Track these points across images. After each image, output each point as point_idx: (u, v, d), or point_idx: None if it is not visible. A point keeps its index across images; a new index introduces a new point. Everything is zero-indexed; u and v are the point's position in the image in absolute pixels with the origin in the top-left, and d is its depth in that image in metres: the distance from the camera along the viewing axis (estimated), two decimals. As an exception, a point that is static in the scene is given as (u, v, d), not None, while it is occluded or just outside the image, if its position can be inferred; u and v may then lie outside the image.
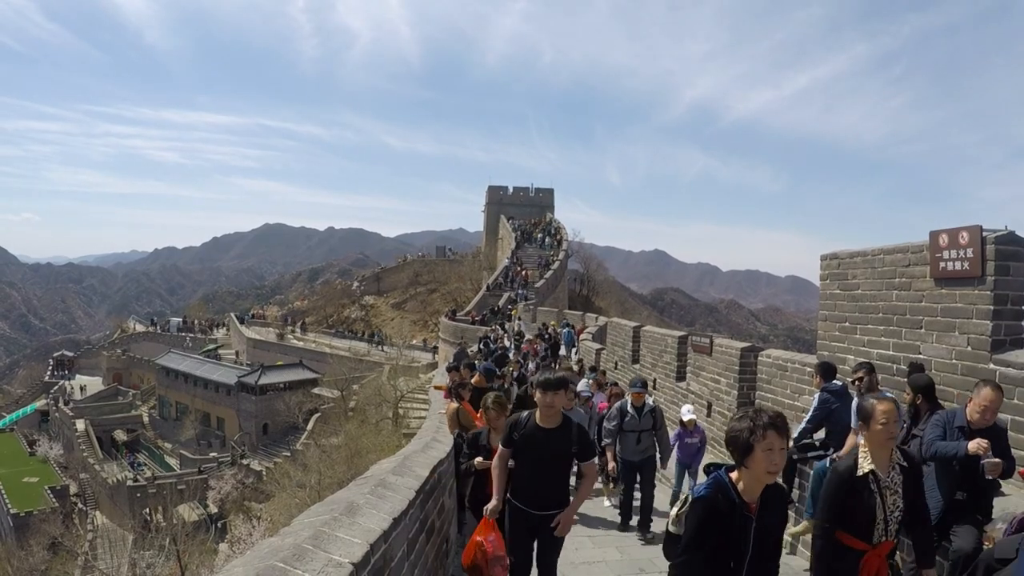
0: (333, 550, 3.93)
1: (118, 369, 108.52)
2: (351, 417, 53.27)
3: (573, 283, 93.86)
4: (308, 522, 4.56)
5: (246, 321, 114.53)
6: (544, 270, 75.23)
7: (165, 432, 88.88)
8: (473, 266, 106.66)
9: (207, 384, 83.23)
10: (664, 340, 22.90)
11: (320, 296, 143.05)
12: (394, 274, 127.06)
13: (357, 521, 4.59)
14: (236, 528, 49.81)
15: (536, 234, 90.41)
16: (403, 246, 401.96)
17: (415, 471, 6.96)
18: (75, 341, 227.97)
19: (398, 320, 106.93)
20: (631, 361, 25.87)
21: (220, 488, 63.04)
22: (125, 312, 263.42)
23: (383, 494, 5.58)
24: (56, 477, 73.18)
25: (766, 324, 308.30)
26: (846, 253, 12.22)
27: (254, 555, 3.89)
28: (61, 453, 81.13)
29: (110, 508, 68.25)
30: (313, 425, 63.60)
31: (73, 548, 56.07)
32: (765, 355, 16.19)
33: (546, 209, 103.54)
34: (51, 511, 63.18)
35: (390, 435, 40.30)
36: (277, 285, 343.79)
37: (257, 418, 75.82)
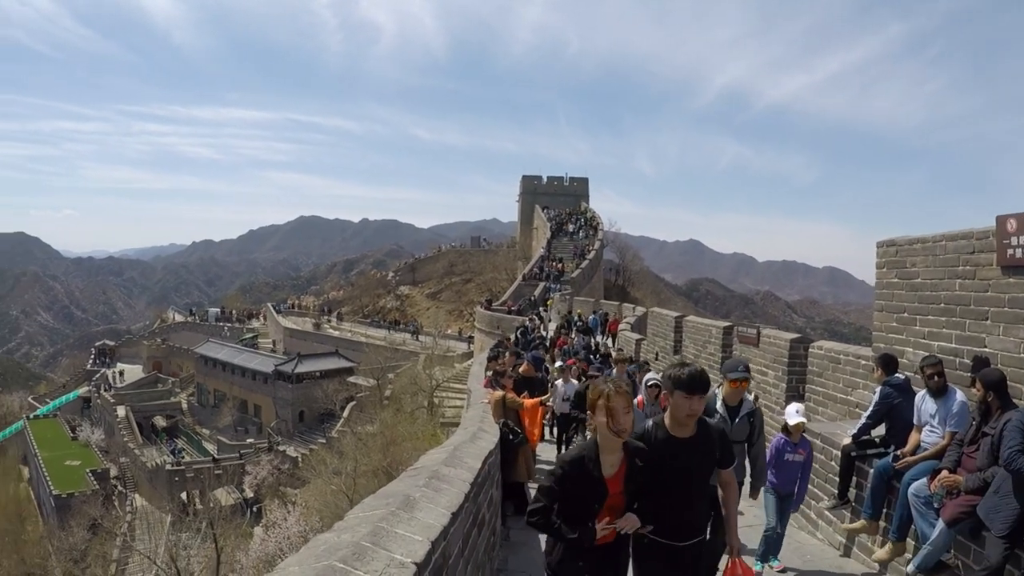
0: (394, 548, 3.67)
1: (158, 358, 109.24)
2: (386, 405, 53.21)
3: (608, 273, 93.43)
4: (364, 516, 4.31)
5: (283, 311, 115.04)
6: (580, 260, 74.89)
7: (203, 418, 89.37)
8: (508, 256, 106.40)
9: (244, 372, 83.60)
10: (708, 331, 22.51)
11: (356, 286, 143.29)
12: (429, 264, 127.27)
13: (416, 516, 4.34)
14: (271, 513, 49.92)
15: (568, 226, 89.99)
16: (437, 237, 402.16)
17: (467, 463, 6.71)
18: (116, 331, 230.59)
19: (433, 310, 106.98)
20: (672, 352, 25.50)
21: (256, 473, 63.21)
22: (164, 303, 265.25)
23: (438, 487, 5.34)
24: (97, 461, 73.73)
25: (803, 316, 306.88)
26: (905, 240, 11.73)
27: (309, 553, 3.62)
28: (102, 438, 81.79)
29: (149, 491, 68.67)
30: (349, 413, 63.58)
31: (112, 529, 56.48)
32: (816, 347, 15.77)
33: (580, 198, 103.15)
34: (92, 493, 63.80)
35: (425, 424, 40.19)
36: (313, 276, 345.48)
37: (293, 406, 76.03)
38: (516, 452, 11.88)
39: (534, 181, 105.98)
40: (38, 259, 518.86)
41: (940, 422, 8.89)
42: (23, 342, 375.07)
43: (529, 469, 12.56)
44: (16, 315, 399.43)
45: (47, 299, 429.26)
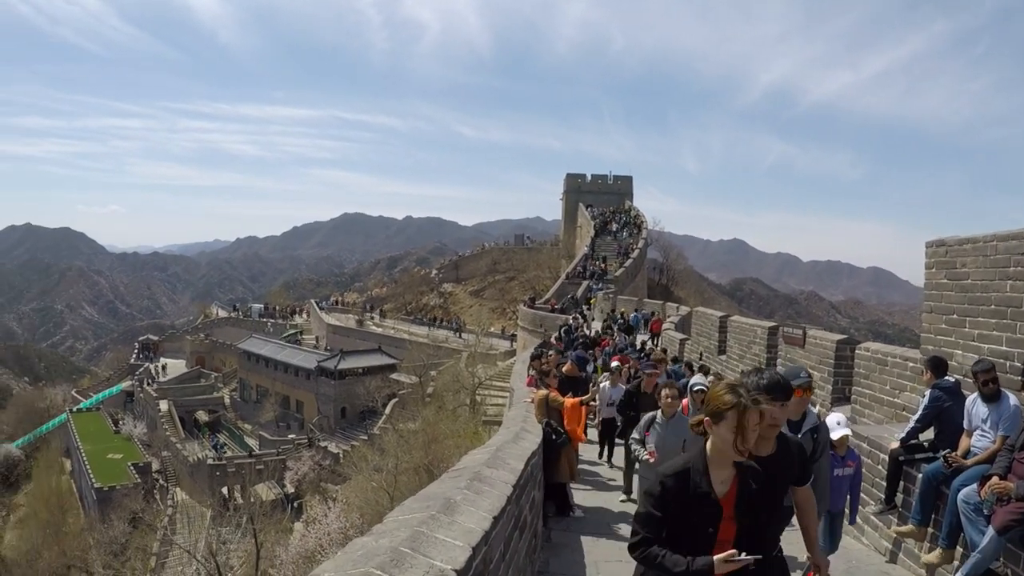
0: (433, 554, 3.59)
1: (201, 353, 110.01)
2: (428, 403, 53.31)
3: (652, 272, 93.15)
4: (403, 520, 4.22)
5: (326, 307, 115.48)
6: (623, 259, 74.64)
7: (245, 414, 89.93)
8: (552, 254, 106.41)
9: (287, 368, 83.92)
10: (753, 331, 22.34)
11: (399, 283, 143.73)
12: (472, 262, 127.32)
13: (456, 520, 4.25)
14: (312, 509, 50.11)
15: (612, 224, 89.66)
16: (480, 234, 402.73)
17: (510, 464, 6.62)
18: (160, 326, 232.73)
19: (476, 308, 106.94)
20: (717, 352, 25.34)
21: (297, 469, 63.47)
22: (208, 298, 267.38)
23: (480, 489, 5.26)
24: (139, 454, 74.39)
25: (847, 317, 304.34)
26: (954, 240, 11.52)
27: (346, 558, 3.55)
28: (144, 432, 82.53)
29: (190, 485, 69.21)
30: (391, 410, 63.73)
31: (153, 522, 56.98)
32: (863, 348, 15.54)
33: (624, 197, 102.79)
34: (133, 486, 64.45)
35: (467, 421, 40.20)
36: (356, 273, 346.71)
37: (336, 402, 76.33)
38: (559, 452, 11.81)
39: (578, 179, 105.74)
40: (83, 254, 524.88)
41: (991, 427, 8.71)
42: (67, 336, 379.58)
43: (572, 470, 12.48)
44: (61, 309, 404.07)
45: (92, 294, 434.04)
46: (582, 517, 12.55)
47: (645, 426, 11.00)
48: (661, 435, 10.62)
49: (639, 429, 11.13)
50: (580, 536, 11.57)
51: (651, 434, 10.79)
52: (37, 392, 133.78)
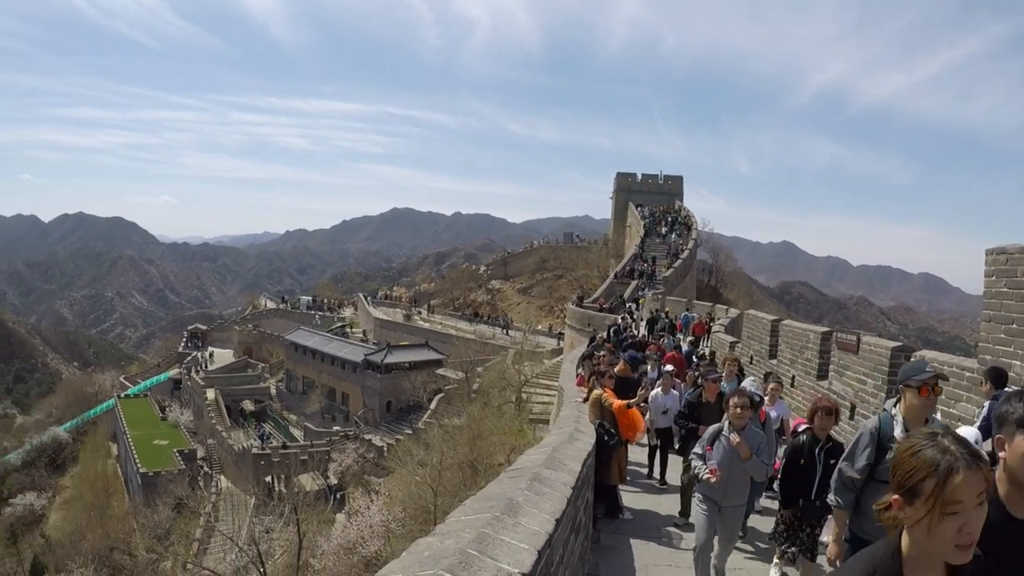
0: (500, 557, 3.54)
1: (249, 343, 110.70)
2: (474, 399, 53.25)
3: (701, 273, 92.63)
4: (467, 520, 4.18)
5: (374, 301, 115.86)
6: (673, 259, 74.30)
7: (291, 404, 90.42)
8: (601, 253, 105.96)
9: (334, 360, 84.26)
10: (806, 335, 22.03)
11: (447, 279, 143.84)
12: (521, 259, 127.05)
13: (520, 522, 4.21)
14: (354, 500, 50.17)
15: (661, 229, 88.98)
16: (529, 232, 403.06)
17: (567, 465, 6.57)
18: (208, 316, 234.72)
19: (524, 305, 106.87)
20: (767, 356, 25.06)
21: (341, 461, 63.68)
22: (257, 289, 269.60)
23: (540, 490, 5.20)
24: (185, 441, 75.01)
25: (896, 323, 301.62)
26: (1016, 248, 11.30)
27: (413, 559, 3.50)
28: (191, 419, 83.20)
29: (234, 473, 69.75)
30: (436, 405, 63.76)
31: (196, 509, 57.31)
32: (919, 356, 15.34)
33: (675, 197, 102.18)
34: (178, 473, 65.08)
35: (512, 419, 40.08)
36: (404, 268, 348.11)
37: (381, 395, 76.49)
38: (611, 454, 11.75)
39: (628, 178, 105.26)
40: (135, 243, 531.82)
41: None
42: (117, 323, 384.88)
43: (622, 472, 12.42)
44: (112, 297, 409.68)
45: (142, 282, 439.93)
46: (631, 520, 12.50)
47: (709, 440, 9.64)
48: (727, 450, 9.32)
49: (701, 443, 9.80)
50: (629, 539, 11.51)
51: (714, 449, 9.46)
52: (86, 377, 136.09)
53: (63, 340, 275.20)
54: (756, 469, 9.45)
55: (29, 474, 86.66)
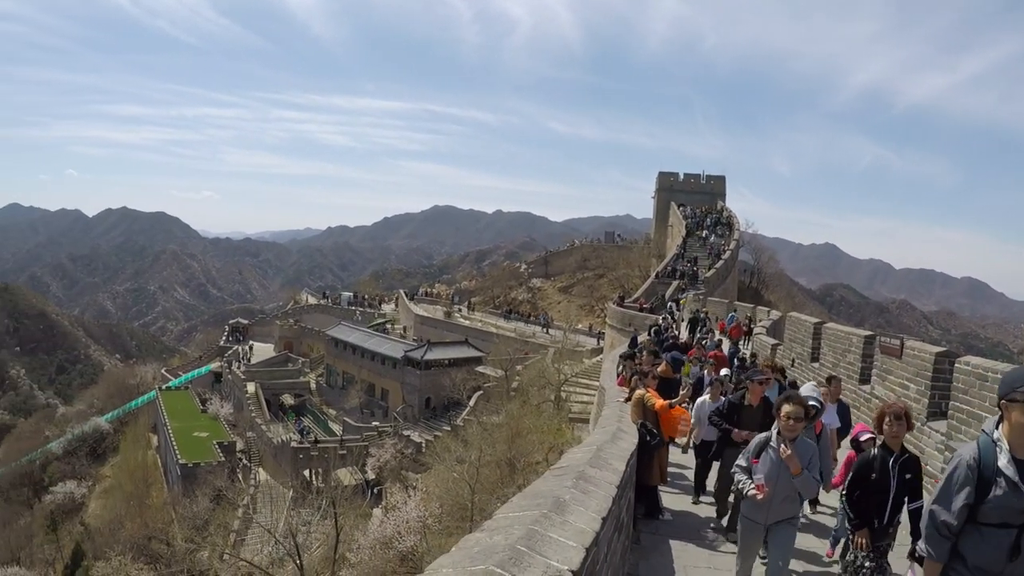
0: (550, 554, 3.55)
1: (289, 338, 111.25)
2: (513, 397, 53.32)
3: (742, 275, 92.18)
4: (515, 517, 4.19)
5: (415, 298, 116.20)
6: (714, 260, 74.02)
7: (331, 399, 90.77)
8: (642, 253, 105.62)
9: (374, 356, 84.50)
10: (848, 339, 21.90)
11: (488, 277, 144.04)
12: (562, 258, 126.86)
13: (568, 520, 4.22)
14: (391, 496, 50.29)
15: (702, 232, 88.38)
16: (570, 231, 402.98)
17: (612, 464, 6.58)
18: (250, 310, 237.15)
19: (565, 304, 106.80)
20: (810, 359, 24.95)
21: (380, 456, 63.82)
22: (298, 285, 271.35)
23: (586, 489, 5.22)
24: (225, 434, 75.55)
25: (939, 328, 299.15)
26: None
27: (463, 554, 3.52)
28: (231, 412, 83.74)
29: (273, 467, 70.24)
30: (475, 402, 63.95)
31: (235, 500, 57.75)
32: (963, 362, 15.13)
33: (717, 197, 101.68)
34: (217, 464, 65.48)
35: (551, 417, 40.13)
36: (445, 265, 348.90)
37: (420, 392, 76.68)
38: (652, 454, 11.72)
39: (670, 178, 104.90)
40: (177, 238, 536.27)
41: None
42: (159, 316, 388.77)
43: (663, 472, 12.39)
44: (154, 290, 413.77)
45: (184, 276, 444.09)
46: (671, 520, 12.45)
47: (755, 451, 8.78)
48: (775, 463, 8.45)
49: (746, 454, 8.91)
50: (669, 540, 11.49)
51: (761, 462, 8.62)
52: (128, 369, 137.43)
53: (106, 332, 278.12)
54: (806, 485, 8.57)
55: (70, 463, 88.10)
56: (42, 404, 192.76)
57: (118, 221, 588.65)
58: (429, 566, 3.36)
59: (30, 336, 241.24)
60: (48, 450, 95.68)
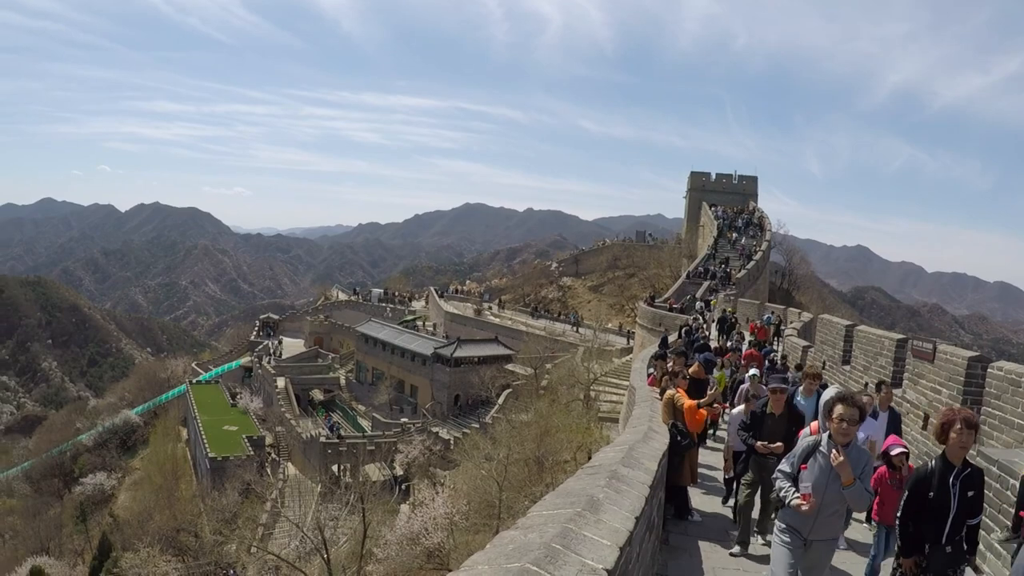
0: (584, 552, 3.56)
1: (319, 333, 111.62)
2: (542, 395, 53.29)
3: (773, 276, 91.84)
4: (549, 515, 4.20)
5: (445, 295, 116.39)
6: (746, 261, 73.77)
7: (360, 395, 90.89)
8: (673, 252, 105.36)
9: (404, 353, 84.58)
10: (880, 342, 21.74)
11: (518, 275, 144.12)
12: (593, 257, 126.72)
13: (602, 519, 4.23)
14: (419, 492, 50.39)
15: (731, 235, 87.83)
16: (601, 229, 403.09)
17: (644, 464, 6.57)
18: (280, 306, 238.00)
19: (595, 303, 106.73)
20: (841, 362, 24.81)
21: (408, 452, 63.92)
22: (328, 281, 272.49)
23: (619, 488, 5.22)
24: (254, 428, 75.75)
25: (970, 333, 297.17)
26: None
27: (498, 552, 3.53)
28: (260, 407, 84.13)
29: (302, 461, 70.43)
30: (504, 400, 64.00)
31: (263, 494, 58.13)
32: (996, 367, 15.01)
33: (749, 197, 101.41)
34: (246, 458, 65.88)
35: (580, 416, 40.06)
36: (476, 263, 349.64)
37: (450, 389, 76.76)
38: (683, 455, 11.69)
39: (702, 178, 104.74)
40: (209, 233, 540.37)
41: None
42: (190, 311, 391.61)
43: (693, 473, 12.35)
44: (185, 285, 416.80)
45: (216, 271, 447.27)
46: (700, 522, 12.42)
47: (802, 455, 7.91)
48: (823, 470, 7.61)
49: (792, 458, 8.04)
50: (698, 541, 11.47)
51: (809, 468, 7.75)
52: (159, 363, 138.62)
53: (137, 326, 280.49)
54: (857, 498, 7.61)
55: (100, 455, 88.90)
56: (73, 396, 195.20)
57: (150, 216, 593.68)
58: (465, 562, 3.37)
59: (62, 329, 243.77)
60: (79, 442, 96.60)
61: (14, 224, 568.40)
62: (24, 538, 70.81)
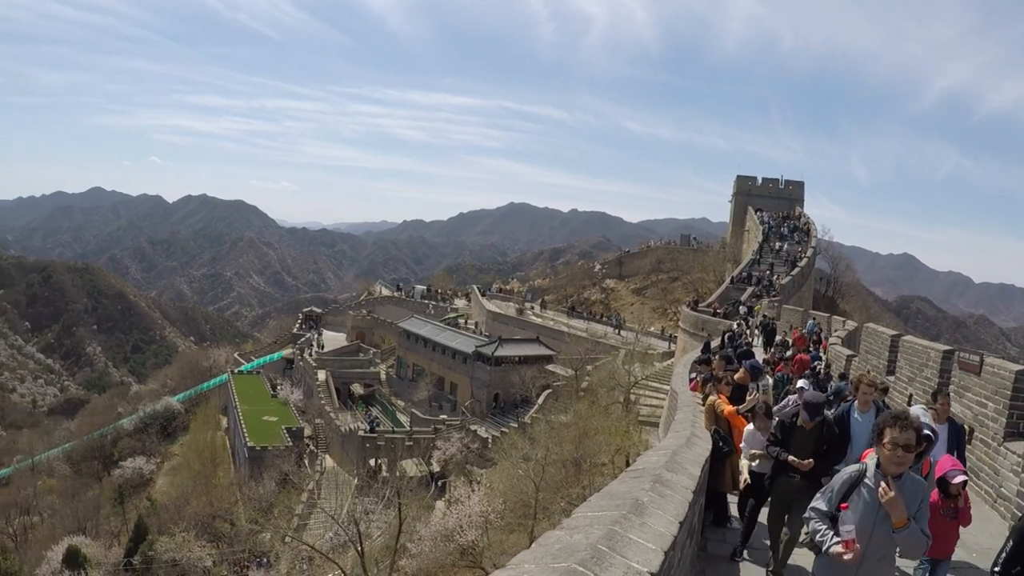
0: (630, 555, 3.56)
1: (361, 328, 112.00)
2: (582, 397, 53.21)
3: (817, 283, 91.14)
4: (595, 517, 4.21)
5: (487, 294, 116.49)
6: (790, 267, 73.29)
7: (400, 391, 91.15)
8: (718, 257, 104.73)
9: (445, 350, 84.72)
10: (926, 353, 21.50)
11: (561, 276, 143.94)
12: (637, 259, 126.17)
13: (646, 522, 4.23)
14: (455, 489, 50.54)
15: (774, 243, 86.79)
16: (645, 232, 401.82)
17: (688, 469, 6.55)
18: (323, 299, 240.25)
19: (638, 306, 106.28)
20: (885, 372, 24.57)
21: (446, 449, 64.04)
22: (372, 276, 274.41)
23: (663, 492, 5.20)
24: (293, 419, 76.30)
25: (1017, 345, 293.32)
26: None
27: (544, 551, 3.53)
28: (300, 399, 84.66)
29: (340, 454, 70.86)
30: (543, 400, 63.96)
31: (300, 485, 58.52)
32: (1042, 382, 14.86)
33: (795, 203, 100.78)
34: (285, 449, 66.46)
35: (619, 419, 39.97)
36: (519, 262, 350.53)
37: (489, 387, 76.81)
38: (724, 461, 11.61)
39: (748, 182, 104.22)
40: (255, 226, 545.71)
41: None
42: (234, 302, 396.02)
43: (735, 479, 12.27)
44: (230, 276, 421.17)
45: (260, 264, 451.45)
46: (738, 529, 12.31)
47: (843, 489, 6.41)
48: (870, 507, 6.20)
49: (828, 494, 6.51)
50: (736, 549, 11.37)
51: (852, 505, 6.32)
52: (202, 352, 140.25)
53: (181, 315, 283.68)
54: (912, 543, 6.26)
55: (140, 440, 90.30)
56: (116, 381, 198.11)
57: (197, 208, 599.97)
58: (511, 560, 3.38)
59: (108, 315, 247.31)
60: (120, 426, 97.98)
61: (64, 212, 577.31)
62: (62, 517, 71.98)
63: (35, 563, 60.11)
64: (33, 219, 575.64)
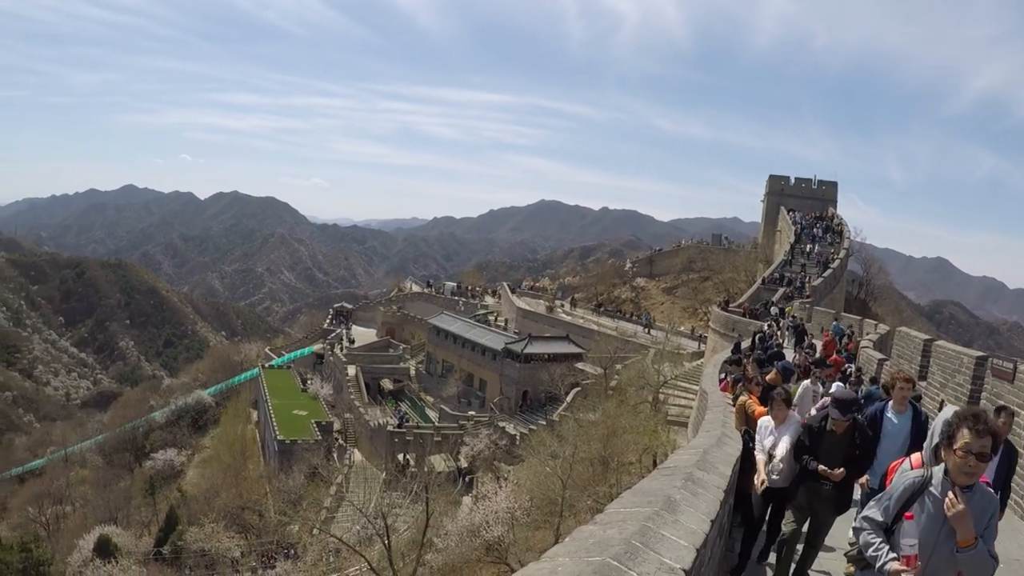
0: (663, 551, 3.60)
1: (391, 324, 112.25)
2: (611, 396, 53.12)
3: (850, 285, 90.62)
4: (628, 513, 4.25)
5: (517, 291, 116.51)
6: (822, 269, 72.91)
7: (429, 386, 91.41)
8: (749, 257, 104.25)
9: (474, 347, 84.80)
10: (959, 359, 21.31)
11: (592, 274, 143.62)
12: (667, 258, 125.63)
13: (679, 520, 4.27)
14: (482, 485, 50.60)
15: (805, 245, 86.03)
16: (676, 231, 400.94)
17: (719, 468, 6.58)
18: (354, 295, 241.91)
19: (668, 305, 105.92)
20: (917, 377, 24.40)
21: (474, 445, 64.22)
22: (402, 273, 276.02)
23: (695, 491, 5.24)
24: (323, 413, 76.63)
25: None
26: None
27: (578, 545, 3.58)
28: (330, 393, 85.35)
29: (368, 449, 71.24)
30: (572, 398, 63.87)
31: (329, 478, 58.90)
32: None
33: (828, 203, 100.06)
34: (314, 443, 66.90)
35: (648, 419, 39.92)
36: (549, 260, 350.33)
37: (518, 384, 76.81)
38: (753, 462, 11.59)
39: (781, 182, 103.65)
40: (286, 222, 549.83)
41: None
42: (265, 297, 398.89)
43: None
44: (261, 272, 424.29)
45: (291, 260, 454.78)
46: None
47: (903, 497, 5.75)
48: (934, 520, 5.59)
49: (885, 503, 5.84)
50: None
51: (915, 517, 5.66)
52: (233, 346, 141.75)
53: (213, 310, 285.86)
54: (977, 565, 5.54)
55: (172, 432, 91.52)
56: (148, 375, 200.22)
57: (229, 204, 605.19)
58: (545, 554, 3.42)
59: (140, 310, 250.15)
60: (152, 418, 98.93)
61: (96, 209, 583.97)
62: (94, 507, 72.98)
63: (67, 551, 60.84)
64: (67, 216, 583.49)
